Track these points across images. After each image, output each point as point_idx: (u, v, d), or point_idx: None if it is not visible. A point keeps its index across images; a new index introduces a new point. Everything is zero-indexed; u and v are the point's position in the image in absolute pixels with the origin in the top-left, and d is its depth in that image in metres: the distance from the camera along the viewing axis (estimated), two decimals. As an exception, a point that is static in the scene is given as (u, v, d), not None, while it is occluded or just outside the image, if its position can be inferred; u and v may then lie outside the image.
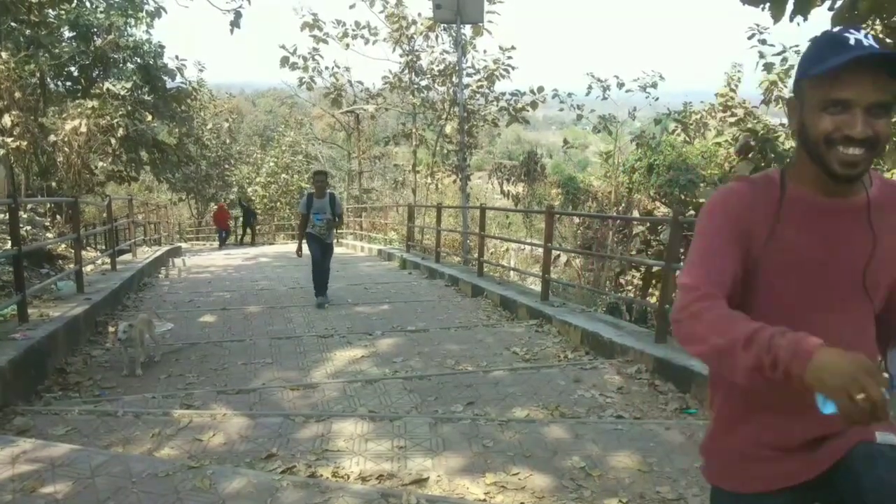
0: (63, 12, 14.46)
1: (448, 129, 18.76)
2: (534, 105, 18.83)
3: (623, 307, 12.57)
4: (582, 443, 3.75)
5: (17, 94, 11.58)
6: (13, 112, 11.45)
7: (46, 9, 14.23)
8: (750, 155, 10.48)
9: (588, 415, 4.43)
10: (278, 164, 31.51)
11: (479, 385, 4.99)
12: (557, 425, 4.02)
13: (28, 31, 14.01)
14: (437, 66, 18.97)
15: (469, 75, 18.24)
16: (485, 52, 18.83)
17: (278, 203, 30.97)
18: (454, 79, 17.21)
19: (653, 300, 12.13)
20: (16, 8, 13.48)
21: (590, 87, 17.58)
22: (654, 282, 13.00)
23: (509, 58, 18.18)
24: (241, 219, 26.45)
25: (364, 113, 22.39)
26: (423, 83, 19.71)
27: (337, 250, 12.26)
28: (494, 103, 19.03)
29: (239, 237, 26.71)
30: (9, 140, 11.48)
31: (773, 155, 10.37)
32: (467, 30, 16.89)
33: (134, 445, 3.67)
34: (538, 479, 3.33)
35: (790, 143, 12.12)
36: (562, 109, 18.66)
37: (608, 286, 14.58)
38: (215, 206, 27.41)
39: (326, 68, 20.61)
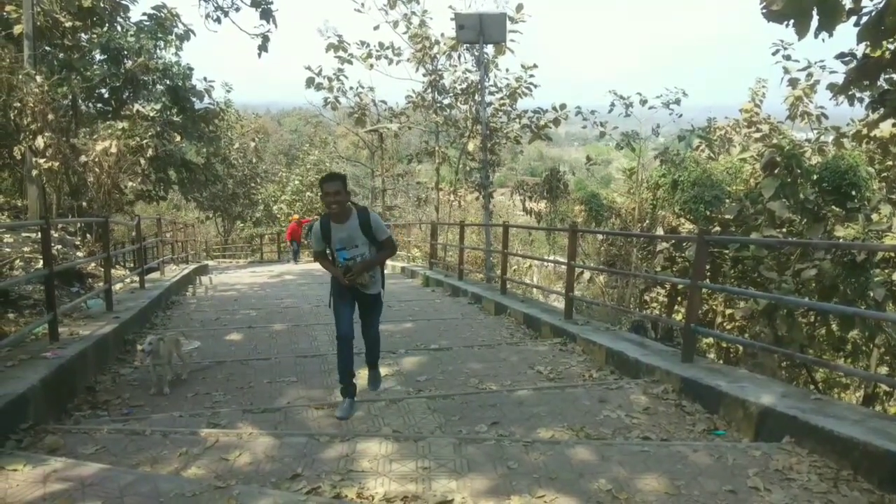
0: (95, 36, 14.85)
1: (471, 147, 18.82)
2: (556, 122, 18.83)
3: (648, 325, 12.44)
4: (608, 465, 3.71)
5: (50, 117, 11.87)
6: (46, 133, 11.73)
7: (79, 33, 14.62)
8: (776, 171, 10.36)
9: (614, 436, 4.39)
10: (303, 182, 32.01)
11: (504, 405, 4.97)
12: (583, 446, 3.98)
13: (61, 55, 14.43)
14: (460, 84, 19.10)
15: (491, 93, 18.34)
16: (507, 70, 18.87)
17: (303, 220, 31.36)
18: (477, 97, 17.30)
19: (678, 318, 12.02)
20: (50, 33, 13.89)
21: (612, 105, 17.58)
22: (679, 299, 12.87)
23: (531, 76, 18.26)
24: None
25: (387, 131, 22.56)
26: (446, 102, 19.84)
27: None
28: (517, 121, 19.07)
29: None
30: (41, 161, 11.76)
31: (798, 171, 10.24)
32: (489, 49, 17.02)
33: (162, 465, 3.70)
34: (564, 501, 3.30)
35: (816, 159, 11.96)
36: (584, 126, 18.64)
37: (632, 303, 14.45)
38: (292, 220, 27.68)
39: (351, 88, 20.87)
